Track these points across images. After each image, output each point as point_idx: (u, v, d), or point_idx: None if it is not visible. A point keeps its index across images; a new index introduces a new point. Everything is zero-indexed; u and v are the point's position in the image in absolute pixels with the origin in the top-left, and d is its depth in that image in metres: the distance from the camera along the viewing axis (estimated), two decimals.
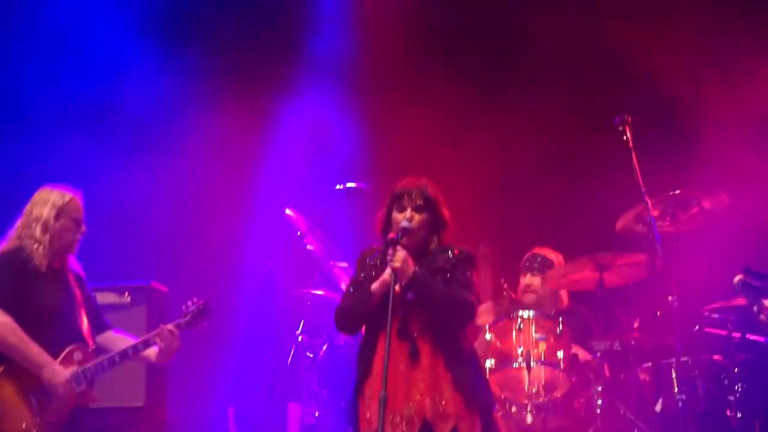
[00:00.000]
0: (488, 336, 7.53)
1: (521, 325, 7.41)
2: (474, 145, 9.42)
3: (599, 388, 7.44)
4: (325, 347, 8.28)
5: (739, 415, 7.19)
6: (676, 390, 7.19)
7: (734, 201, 7.33)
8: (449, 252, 5.80)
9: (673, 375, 7.31)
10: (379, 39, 9.68)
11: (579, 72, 9.18)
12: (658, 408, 7.34)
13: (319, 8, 9.89)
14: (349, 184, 8.22)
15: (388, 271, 5.62)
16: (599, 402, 7.40)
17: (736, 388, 7.21)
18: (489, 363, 7.41)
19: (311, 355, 8.31)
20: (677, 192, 7.21)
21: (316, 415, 8.27)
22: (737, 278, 7.16)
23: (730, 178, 8.06)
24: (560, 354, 7.37)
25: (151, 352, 6.26)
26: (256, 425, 8.07)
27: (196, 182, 9.40)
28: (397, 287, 5.58)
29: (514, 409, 7.58)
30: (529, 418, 7.34)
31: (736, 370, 7.24)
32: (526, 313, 7.49)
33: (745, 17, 8.81)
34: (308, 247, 8.29)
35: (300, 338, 8.32)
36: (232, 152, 9.54)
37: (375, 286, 5.68)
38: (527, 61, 9.44)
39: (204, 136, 9.44)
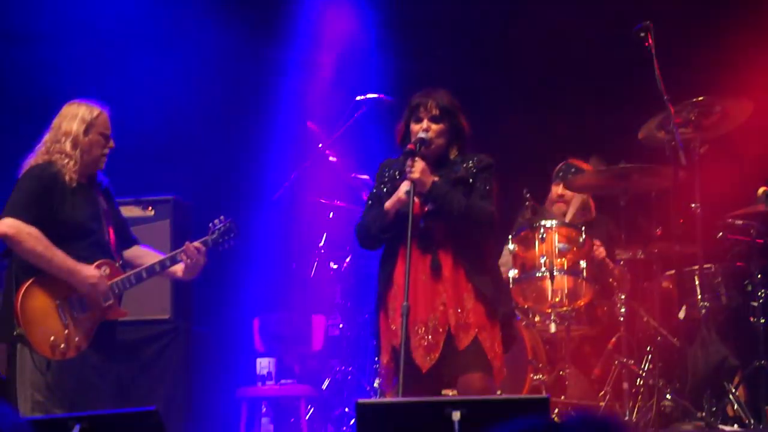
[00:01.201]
0: (511, 246, 7.53)
1: (544, 235, 7.41)
2: (497, 55, 9.34)
3: (622, 297, 7.46)
4: (348, 259, 8.32)
5: (762, 320, 7.18)
6: (699, 297, 7.18)
7: (758, 106, 7.26)
8: (470, 161, 5.70)
9: (696, 282, 7.31)
10: None
11: None
12: (681, 315, 7.36)
13: None
14: (370, 95, 8.20)
15: (405, 183, 5.55)
16: (622, 310, 7.43)
17: (760, 294, 7.20)
18: (512, 273, 7.43)
19: (335, 267, 8.36)
20: (700, 98, 7.14)
21: (341, 326, 8.34)
22: (761, 190, 7.16)
23: (754, 83, 7.97)
24: (583, 263, 7.37)
25: (178, 268, 6.23)
26: (280, 338, 8.11)
27: (217, 93, 9.34)
28: (416, 199, 5.52)
29: (537, 318, 7.63)
30: (552, 327, 7.37)
31: (759, 276, 7.22)
32: (548, 223, 7.48)
33: None
34: (330, 158, 8.29)
35: (323, 250, 8.37)
36: (253, 62, 9.46)
37: (388, 204, 5.61)
38: None
39: (225, 43, 9.34)
